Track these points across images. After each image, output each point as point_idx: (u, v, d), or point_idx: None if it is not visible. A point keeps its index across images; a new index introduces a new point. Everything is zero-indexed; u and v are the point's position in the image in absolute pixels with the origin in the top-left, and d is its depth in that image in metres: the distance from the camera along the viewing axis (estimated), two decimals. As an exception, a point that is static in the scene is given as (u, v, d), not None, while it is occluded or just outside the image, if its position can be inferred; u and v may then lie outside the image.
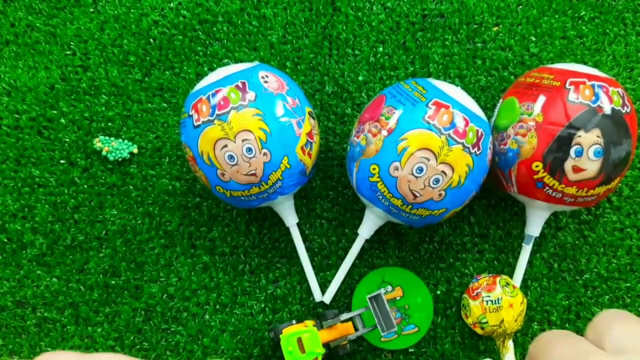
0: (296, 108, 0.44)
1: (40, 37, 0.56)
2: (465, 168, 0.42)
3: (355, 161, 0.44)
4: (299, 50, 0.55)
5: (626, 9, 0.55)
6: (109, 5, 0.56)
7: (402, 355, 0.51)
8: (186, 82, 0.55)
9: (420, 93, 0.43)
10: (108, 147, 0.53)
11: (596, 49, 0.55)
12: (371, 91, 0.55)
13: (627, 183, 0.53)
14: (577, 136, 0.41)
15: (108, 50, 0.56)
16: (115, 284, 0.52)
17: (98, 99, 0.55)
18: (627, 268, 0.52)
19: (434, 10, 0.56)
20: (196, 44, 0.56)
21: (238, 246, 0.53)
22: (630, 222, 0.52)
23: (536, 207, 0.46)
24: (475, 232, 0.53)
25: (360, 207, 0.53)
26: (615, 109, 0.42)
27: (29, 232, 0.53)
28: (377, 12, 0.56)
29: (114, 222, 0.53)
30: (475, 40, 0.55)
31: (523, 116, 0.43)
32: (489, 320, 0.47)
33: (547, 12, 0.56)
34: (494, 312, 0.47)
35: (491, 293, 0.47)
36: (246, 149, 0.42)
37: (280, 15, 0.56)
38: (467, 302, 0.49)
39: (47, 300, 0.52)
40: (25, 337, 0.52)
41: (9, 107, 0.55)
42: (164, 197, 0.53)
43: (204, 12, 0.56)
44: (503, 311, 0.46)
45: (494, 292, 0.47)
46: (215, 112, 0.42)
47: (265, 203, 0.46)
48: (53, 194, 0.53)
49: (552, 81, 0.43)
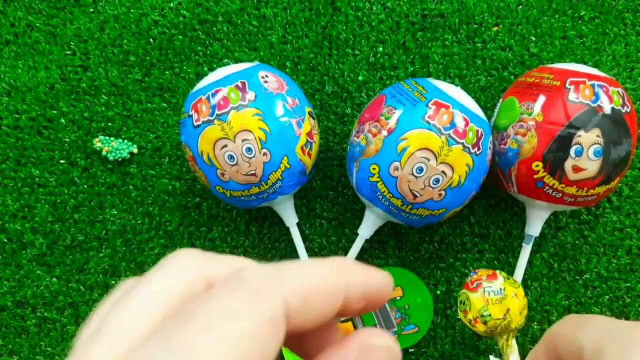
0: (296, 108, 0.44)
1: (40, 37, 0.56)
2: (465, 168, 0.42)
3: (355, 161, 0.44)
4: (299, 50, 0.55)
5: (626, 9, 0.55)
6: (109, 5, 0.56)
7: (402, 355, 0.51)
8: (186, 82, 0.55)
9: (420, 93, 0.43)
10: (108, 147, 0.53)
11: (596, 49, 0.55)
12: (371, 91, 0.55)
13: (627, 183, 0.53)
14: (577, 136, 0.41)
15: (108, 50, 0.56)
16: (115, 284, 0.52)
17: (98, 99, 0.55)
18: (627, 268, 0.52)
19: (434, 10, 0.56)
20: (196, 44, 0.56)
21: (238, 246, 0.53)
22: (630, 222, 0.52)
23: (536, 206, 0.46)
24: (475, 232, 0.53)
25: (360, 207, 0.53)
26: (615, 108, 0.42)
27: (29, 232, 0.53)
28: (377, 12, 0.56)
29: (114, 222, 0.53)
30: (475, 40, 0.55)
31: (523, 116, 0.43)
32: (492, 313, 0.42)
33: (547, 12, 0.56)
34: (497, 303, 0.42)
35: (493, 283, 0.43)
36: (246, 149, 0.42)
37: (280, 15, 0.56)
38: (466, 296, 0.44)
39: (47, 300, 0.52)
40: (25, 337, 0.52)
41: (9, 107, 0.55)
42: (164, 197, 0.53)
43: (204, 12, 0.56)
44: (508, 301, 0.42)
45: (496, 282, 0.43)
46: (215, 112, 0.42)
47: (265, 203, 0.46)
48: (53, 194, 0.53)
49: (552, 81, 0.43)
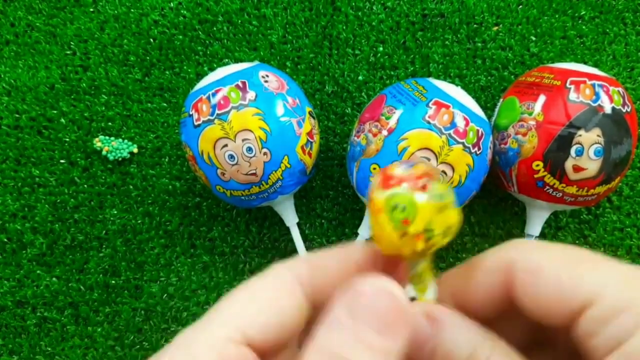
0: (296, 108, 0.44)
1: (40, 37, 0.56)
2: (465, 168, 0.42)
3: (356, 161, 0.44)
4: (299, 50, 0.55)
5: (626, 9, 0.55)
6: (109, 5, 0.56)
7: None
8: (186, 82, 0.55)
9: (421, 93, 0.43)
10: (108, 147, 0.53)
11: (596, 49, 0.55)
12: (371, 91, 0.55)
13: (627, 183, 0.53)
14: (577, 135, 0.41)
15: (108, 50, 0.56)
16: (115, 284, 0.52)
17: (98, 99, 0.55)
18: (628, 268, 0.52)
19: (434, 10, 0.56)
20: (196, 44, 0.56)
21: (238, 246, 0.53)
22: (630, 222, 0.52)
23: (536, 206, 0.46)
24: (475, 232, 0.53)
25: (360, 207, 0.53)
26: (615, 108, 0.42)
27: (29, 232, 0.53)
28: (377, 12, 0.56)
29: (114, 222, 0.53)
30: (475, 40, 0.55)
31: (523, 115, 0.43)
32: (435, 227, 0.22)
33: (547, 11, 0.56)
34: (439, 212, 0.22)
35: (435, 184, 0.22)
36: (246, 149, 0.42)
37: (280, 15, 0.56)
38: (408, 198, 0.22)
39: (47, 300, 0.52)
40: (25, 337, 0.52)
41: (9, 107, 0.55)
42: (164, 196, 0.53)
43: (204, 12, 0.56)
44: (450, 210, 0.23)
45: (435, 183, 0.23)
46: (216, 112, 0.42)
47: (265, 203, 0.46)
48: (53, 194, 0.53)
49: (553, 80, 0.43)
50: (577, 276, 0.18)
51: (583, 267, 0.18)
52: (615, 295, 0.17)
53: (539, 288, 0.18)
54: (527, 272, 0.19)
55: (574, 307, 0.17)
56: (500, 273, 0.19)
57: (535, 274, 0.18)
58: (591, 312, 0.17)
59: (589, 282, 0.17)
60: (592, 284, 0.17)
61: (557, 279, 0.18)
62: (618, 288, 0.17)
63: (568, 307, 0.17)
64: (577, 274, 0.18)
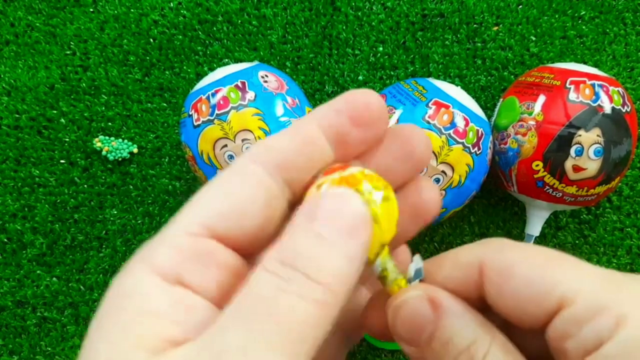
0: (296, 108, 0.44)
1: (40, 37, 0.56)
2: (465, 168, 0.42)
3: (355, 161, 0.44)
4: (299, 50, 0.55)
5: (626, 9, 0.55)
6: (109, 5, 0.56)
7: (402, 355, 0.51)
8: (186, 82, 0.55)
9: (421, 93, 0.43)
10: (108, 147, 0.53)
11: (596, 49, 0.55)
12: (371, 91, 0.55)
13: (627, 182, 0.53)
14: (577, 135, 0.41)
15: (108, 50, 0.56)
16: (115, 284, 0.52)
17: (98, 99, 0.55)
18: (627, 268, 0.52)
19: (434, 10, 0.56)
20: (196, 44, 0.56)
21: (238, 246, 0.53)
22: (630, 222, 0.52)
23: (536, 206, 0.46)
24: (475, 232, 0.53)
25: (360, 207, 0.53)
26: (615, 108, 0.42)
27: (29, 232, 0.53)
28: (377, 12, 0.56)
29: (114, 222, 0.53)
30: (475, 40, 0.55)
31: (523, 115, 0.43)
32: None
33: (547, 11, 0.56)
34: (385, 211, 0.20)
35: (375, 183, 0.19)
36: (246, 149, 0.42)
37: (280, 15, 0.56)
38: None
39: (47, 300, 0.52)
40: (25, 337, 0.52)
41: (9, 107, 0.55)
42: (164, 197, 0.53)
43: (204, 12, 0.56)
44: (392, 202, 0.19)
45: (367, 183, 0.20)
46: (215, 112, 0.42)
47: (265, 203, 0.46)
48: (53, 194, 0.53)
49: (553, 80, 0.43)
50: (551, 276, 0.17)
51: (557, 267, 0.17)
52: (593, 296, 0.16)
53: (510, 287, 0.18)
54: (497, 270, 0.18)
55: (548, 307, 0.17)
56: (471, 270, 0.19)
57: (505, 273, 0.18)
58: (566, 312, 0.16)
59: (564, 282, 0.17)
60: (567, 284, 0.17)
61: (529, 279, 0.17)
62: (595, 288, 0.16)
63: (541, 307, 0.17)
64: (550, 274, 0.17)
